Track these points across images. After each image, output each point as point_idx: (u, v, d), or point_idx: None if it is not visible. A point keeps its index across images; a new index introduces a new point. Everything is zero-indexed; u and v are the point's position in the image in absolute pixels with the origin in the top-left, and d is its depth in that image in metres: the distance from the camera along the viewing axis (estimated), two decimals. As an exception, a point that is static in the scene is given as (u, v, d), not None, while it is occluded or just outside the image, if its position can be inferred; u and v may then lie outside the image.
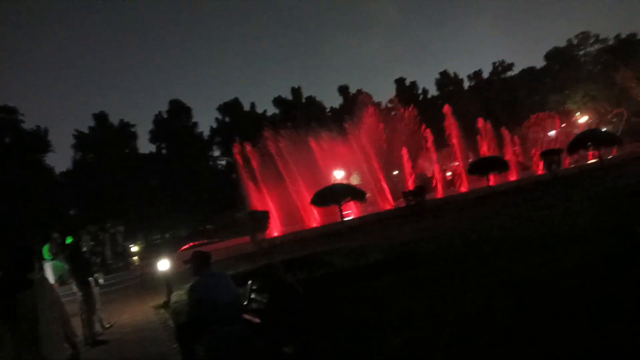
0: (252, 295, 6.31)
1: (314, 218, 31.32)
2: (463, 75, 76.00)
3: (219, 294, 5.07)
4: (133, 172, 47.86)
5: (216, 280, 5.21)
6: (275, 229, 28.45)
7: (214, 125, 59.56)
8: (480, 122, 40.46)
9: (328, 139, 41.52)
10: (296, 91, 63.64)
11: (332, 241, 18.09)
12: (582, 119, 66.97)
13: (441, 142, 41.20)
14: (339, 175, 48.64)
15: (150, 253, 26.08)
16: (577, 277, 5.90)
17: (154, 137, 54.99)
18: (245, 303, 6.07)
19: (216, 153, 60.08)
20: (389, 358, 4.79)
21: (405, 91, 68.58)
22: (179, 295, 12.59)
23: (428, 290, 6.94)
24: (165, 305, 11.94)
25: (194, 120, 57.18)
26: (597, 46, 76.92)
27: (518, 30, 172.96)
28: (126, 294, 16.32)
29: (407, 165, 35.70)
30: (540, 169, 34.55)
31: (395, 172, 44.81)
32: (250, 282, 6.61)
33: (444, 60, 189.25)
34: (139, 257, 23.53)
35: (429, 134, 36.73)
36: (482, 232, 12.13)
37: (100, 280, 10.68)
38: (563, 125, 66.91)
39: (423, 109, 62.96)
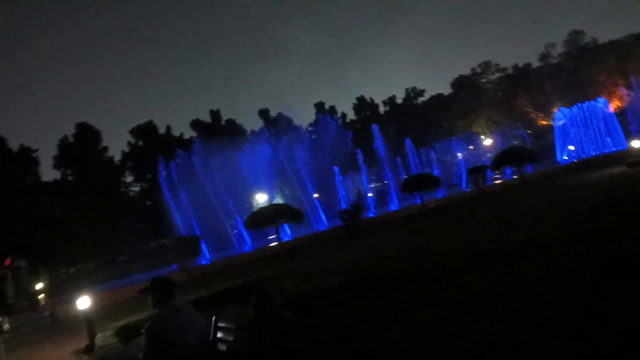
0: (219, 334, 5.06)
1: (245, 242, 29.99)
2: (378, 100, 78.36)
3: (184, 335, 3.95)
4: (35, 201, 43.31)
5: (181, 316, 4.06)
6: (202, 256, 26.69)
7: (126, 149, 56.11)
8: (406, 143, 41.72)
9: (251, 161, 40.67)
10: (215, 114, 61.93)
11: (270, 265, 16.99)
12: (487, 142, 71.31)
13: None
14: (261, 198, 47.77)
15: (60, 289, 23.33)
16: (550, 288, 5.83)
17: (59, 162, 50.42)
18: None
19: (129, 179, 56.47)
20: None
21: (325, 115, 69.39)
22: (104, 337, 10.94)
23: (409, 312, 6.42)
24: (88, 349, 10.31)
25: (103, 144, 53.41)
26: (497, 74, 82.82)
27: (427, 58, 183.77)
28: (36, 339, 14.06)
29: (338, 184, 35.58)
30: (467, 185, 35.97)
31: (315, 195, 44.51)
32: (214, 317, 5.29)
33: (360, 85, 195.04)
34: (46, 295, 20.76)
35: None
36: (428, 249, 11.86)
37: (6, 325, 8.77)
38: (470, 147, 71.22)
39: (343, 132, 64.06)
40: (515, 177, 34.60)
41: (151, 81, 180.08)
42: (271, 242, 29.45)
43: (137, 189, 56.72)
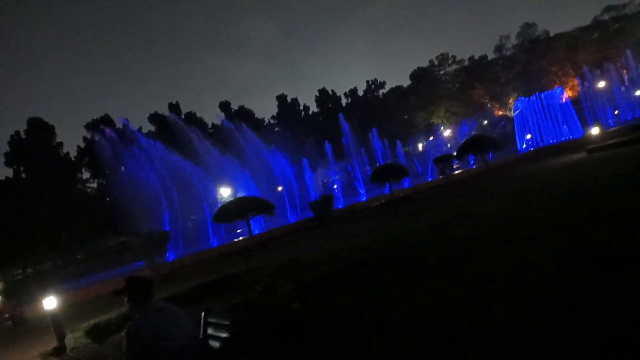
0: (209, 331, 4.72)
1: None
2: (340, 92, 78.52)
3: (171, 336, 3.63)
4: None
5: (164, 316, 3.69)
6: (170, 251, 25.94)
7: (82, 144, 54.00)
8: (373, 134, 41.99)
9: (214, 154, 39.95)
10: (174, 107, 60.34)
11: (242, 259, 16.63)
12: (446, 132, 72.76)
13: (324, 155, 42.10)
14: (225, 192, 47.10)
15: (17, 291, 22.20)
16: (537, 277, 5.79)
17: (11, 160, 48.06)
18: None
19: (85, 175, 54.44)
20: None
21: (287, 108, 68.89)
22: (75, 338, 10.46)
23: (398, 299, 6.38)
24: (58, 351, 9.87)
25: (58, 139, 51.24)
26: (454, 66, 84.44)
27: (386, 50, 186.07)
28: (-2, 342, 13.34)
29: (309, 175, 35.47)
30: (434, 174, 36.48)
31: (280, 188, 44.26)
32: (204, 313, 4.93)
33: (322, 78, 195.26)
34: (2, 297, 19.69)
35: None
36: (406, 237, 11.89)
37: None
38: (431, 138, 72.54)
39: (306, 124, 63.92)
40: (474, 166, 35.31)
41: (107, 75, 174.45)
42: (238, 236, 28.97)
43: (94, 185, 54.81)
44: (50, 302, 10.88)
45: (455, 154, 31.17)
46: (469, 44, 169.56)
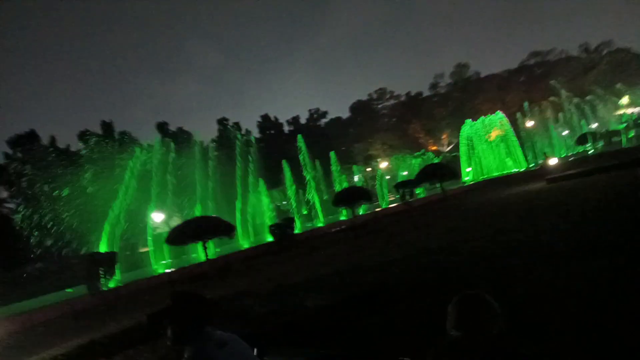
0: None
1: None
2: (283, 119, 77.91)
3: None
4: None
5: (229, 354, 2.41)
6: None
7: (2, 161, 48.95)
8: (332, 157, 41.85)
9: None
10: (107, 125, 56.55)
11: (203, 286, 14.85)
12: (383, 164, 73.91)
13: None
14: (158, 217, 44.27)
15: None
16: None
17: None
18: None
19: (3, 194, 49.21)
20: None
21: (228, 132, 66.89)
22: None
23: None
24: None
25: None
26: (392, 101, 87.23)
27: (328, 80, 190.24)
28: None
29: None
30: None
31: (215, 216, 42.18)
32: (256, 349, 3.46)
33: (265, 104, 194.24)
34: None
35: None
36: (394, 262, 11.01)
37: None
38: (368, 169, 73.50)
39: (249, 148, 62.41)
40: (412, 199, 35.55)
41: (35, 89, 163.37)
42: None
43: (12, 205, 49.58)
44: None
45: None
46: (407, 80, 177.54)
